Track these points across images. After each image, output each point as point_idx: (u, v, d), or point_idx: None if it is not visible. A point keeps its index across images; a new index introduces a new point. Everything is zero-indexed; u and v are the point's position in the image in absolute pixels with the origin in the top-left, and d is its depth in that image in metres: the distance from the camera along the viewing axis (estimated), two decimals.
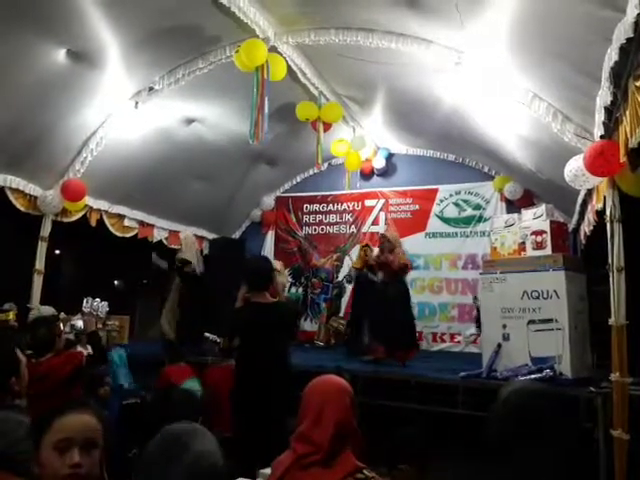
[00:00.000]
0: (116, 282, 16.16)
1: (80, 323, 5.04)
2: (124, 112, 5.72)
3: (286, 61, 5.16)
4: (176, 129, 6.42)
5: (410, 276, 7.75)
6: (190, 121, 6.44)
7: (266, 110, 4.82)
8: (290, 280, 8.79)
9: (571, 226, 6.27)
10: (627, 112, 3.10)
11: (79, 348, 4.07)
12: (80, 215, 6.38)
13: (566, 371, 4.26)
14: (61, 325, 3.95)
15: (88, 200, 6.32)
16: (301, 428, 1.63)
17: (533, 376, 4.17)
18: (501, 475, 1.24)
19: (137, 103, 5.67)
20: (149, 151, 6.37)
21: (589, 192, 4.68)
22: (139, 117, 5.84)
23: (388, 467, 2.28)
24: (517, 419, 1.26)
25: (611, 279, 3.88)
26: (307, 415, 1.65)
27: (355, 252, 7.48)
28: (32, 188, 5.74)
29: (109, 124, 5.74)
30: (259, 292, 3.65)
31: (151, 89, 5.64)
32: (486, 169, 7.62)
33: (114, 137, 5.87)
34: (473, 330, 7.03)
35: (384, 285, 5.99)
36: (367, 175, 8.51)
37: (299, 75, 5.88)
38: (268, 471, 1.73)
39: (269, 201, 9.11)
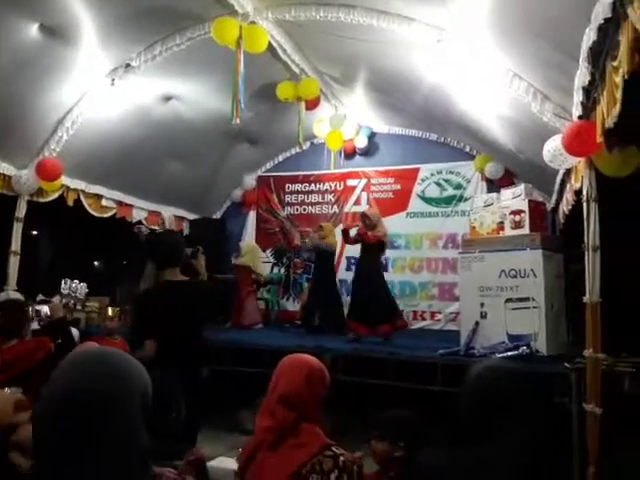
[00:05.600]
0: (96, 263, 16.06)
1: (45, 309, 4.87)
2: (100, 90, 5.60)
3: None
4: (154, 107, 6.31)
5: (391, 255, 7.86)
6: (168, 98, 6.32)
7: (241, 86, 4.75)
8: (272, 260, 8.79)
9: (550, 206, 6.35)
10: (604, 92, 3.12)
11: None
12: (56, 195, 6.28)
13: (542, 348, 4.36)
14: (30, 311, 3.80)
15: (64, 180, 6.21)
16: (263, 402, 1.67)
17: (510, 353, 4.26)
18: (475, 452, 1.27)
19: (113, 80, 5.54)
20: (126, 129, 6.25)
21: (568, 172, 4.74)
22: (116, 95, 5.71)
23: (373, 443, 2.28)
24: (487, 397, 1.29)
25: (586, 258, 3.96)
26: (269, 390, 1.68)
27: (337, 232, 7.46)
28: (5, 167, 5.62)
29: (85, 102, 5.62)
30: (171, 269, 3.22)
31: (128, 66, 5.51)
32: (468, 148, 7.64)
33: (90, 115, 5.75)
34: (453, 308, 7.14)
35: (360, 262, 6.12)
36: (349, 154, 8.46)
37: (280, 52, 5.79)
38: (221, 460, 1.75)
39: (250, 181, 9.01)
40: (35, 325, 4.61)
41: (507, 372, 1.31)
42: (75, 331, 4.04)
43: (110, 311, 4.61)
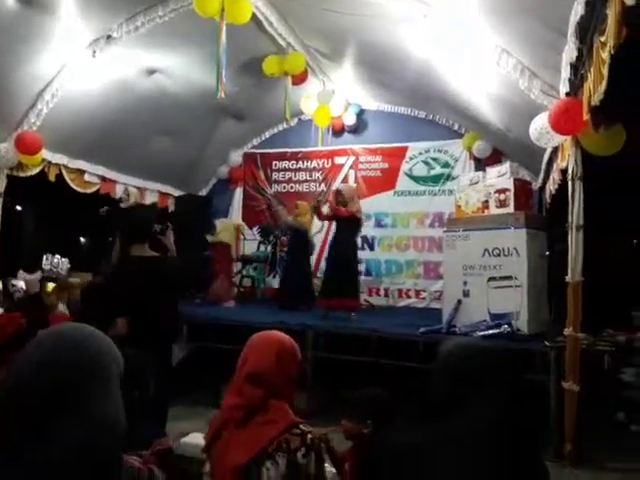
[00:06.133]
0: (82, 240, 15.90)
1: (21, 284, 4.84)
2: (81, 62, 5.44)
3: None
4: (137, 80, 6.14)
5: (378, 234, 7.87)
6: (152, 72, 6.16)
7: (224, 58, 4.64)
8: (259, 238, 8.74)
9: (537, 185, 6.34)
10: (591, 69, 3.08)
11: None
12: (38, 170, 6.15)
13: (523, 327, 4.38)
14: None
15: (45, 154, 6.08)
16: (232, 380, 1.65)
17: (491, 331, 4.28)
18: (444, 429, 1.25)
19: (95, 52, 5.38)
20: (109, 103, 6.10)
21: (555, 151, 4.71)
22: (97, 67, 5.56)
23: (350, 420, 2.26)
24: (458, 374, 1.27)
25: (570, 237, 3.96)
26: (237, 367, 1.66)
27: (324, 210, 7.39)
28: None
29: (65, 74, 5.46)
30: (139, 245, 3.15)
31: (109, 37, 5.35)
32: (456, 127, 7.56)
33: (71, 88, 5.59)
34: (438, 286, 7.15)
35: (334, 238, 6.13)
36: (338, 132, 8.35)
37: (265, 24, 5.66)
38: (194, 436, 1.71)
39: (237, 157, 8.88)
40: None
41: (478, 349, 1.29)
42: None
43: (49, 287, 4.54)
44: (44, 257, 6.04)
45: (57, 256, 6.10)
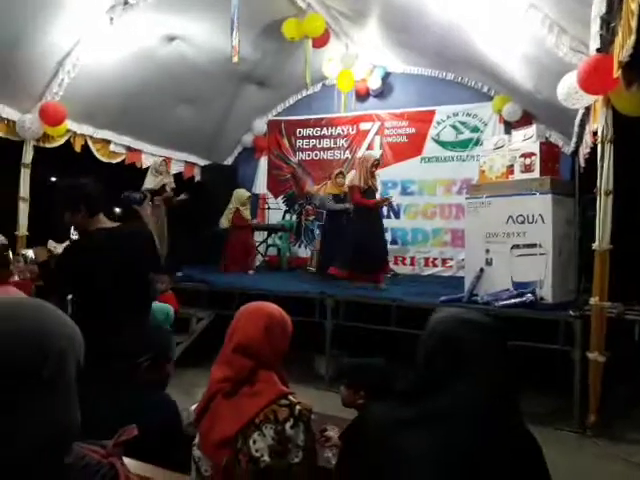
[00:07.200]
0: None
1: (31, 253, 4.97)
2: (99, 29, 5.39)
3: None
4: (157, 48, 6.08)
5: (404, 202, 7.73)
6: (171, 39, 6.08)
7: (235, 19, 4.53)
8: (284, 207, 8.72)
9: (570, 149, 6.07)
10: (621, 21, 2.86)
11: None
12: (63, 140, 6.22)
13: (547, 296, 4.24)
14: (10, 255, 3.78)
15: (70, 125, 6.13)
16: (220, 352, 1.63)
17: (513, 300, 4.16)
18: (425, 409, 1.19)
19: (112, 19, 5.33)
20: (129, 72, 6.07)
21: (587, 112, 4.46)
22: (116, 35, 5.51)
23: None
24: (443, 350, 1.20)
25: (598, 203, 3.79)
26: (225, 339, 1.64)
27: (348, 178, 7.25)
28: (9, 112, 5.54)
29: (84, 43, 5.44)
30: (97, 216, 2.65)
31: (126, 3, 5.28)
32: (485, 89, 7.25)
33: (92, 57, 5.57)
34: (464, 255, 6.99)
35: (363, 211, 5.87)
36: (362, 96, 8.14)
37: None
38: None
39: (261, 125, 8.79)
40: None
41: (463, 323, 1.21)
42: None
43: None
44: (72, 227, 6.16)
45: None
